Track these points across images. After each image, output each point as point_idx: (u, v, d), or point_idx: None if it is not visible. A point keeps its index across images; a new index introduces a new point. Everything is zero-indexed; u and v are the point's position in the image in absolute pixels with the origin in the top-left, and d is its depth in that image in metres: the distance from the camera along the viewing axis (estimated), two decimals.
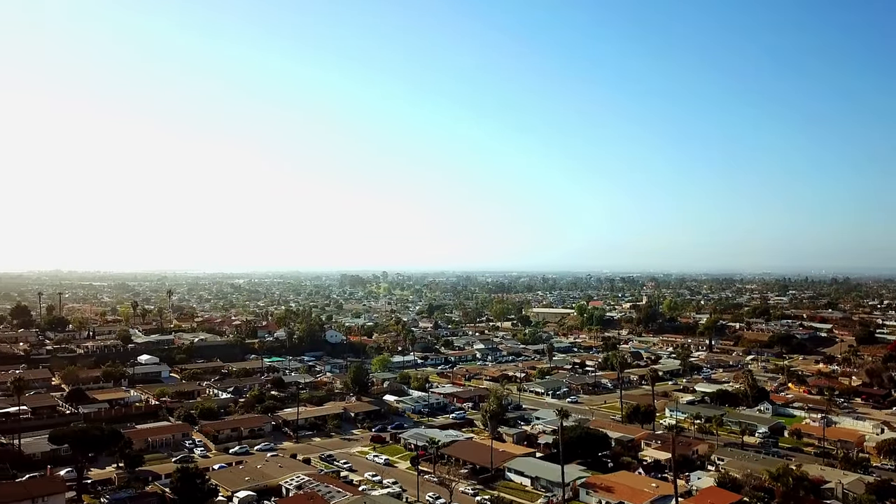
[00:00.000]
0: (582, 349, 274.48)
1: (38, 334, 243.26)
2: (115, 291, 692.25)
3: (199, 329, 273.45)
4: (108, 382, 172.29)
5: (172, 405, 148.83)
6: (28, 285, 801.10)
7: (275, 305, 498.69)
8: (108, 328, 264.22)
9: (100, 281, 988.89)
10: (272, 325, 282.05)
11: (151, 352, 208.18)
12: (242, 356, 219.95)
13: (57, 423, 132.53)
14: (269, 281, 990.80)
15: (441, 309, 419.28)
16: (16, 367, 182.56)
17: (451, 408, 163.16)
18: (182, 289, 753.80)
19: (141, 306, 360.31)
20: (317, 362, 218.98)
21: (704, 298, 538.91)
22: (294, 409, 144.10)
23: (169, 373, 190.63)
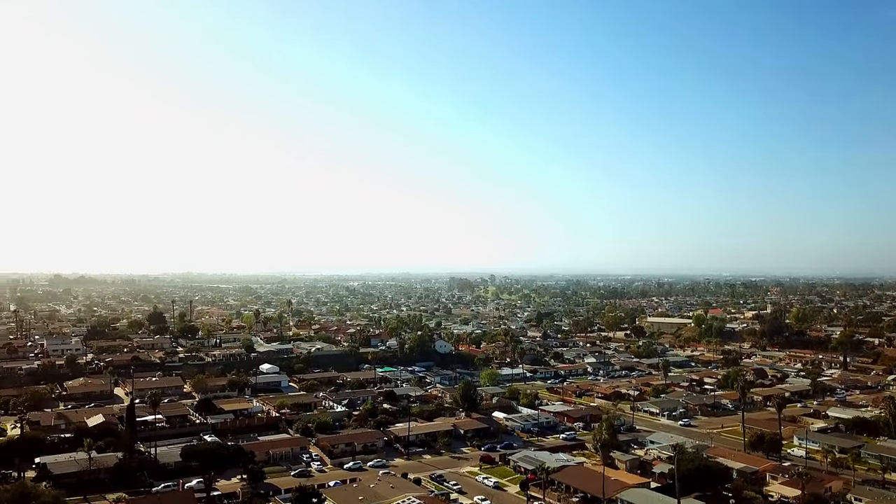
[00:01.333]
0: (700, 364, 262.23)
1: (172, 341, 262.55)
2: (240, 294, 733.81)
3: (316, 337, 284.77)
4: (233, 391, 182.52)
5: (291, 417, 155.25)
6: (163, 288, 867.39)
7: (387, 309, 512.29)
8: (234, 335, 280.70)
9: (226, 283, 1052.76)
10: (384, 334, 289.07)
11: (272, 361, 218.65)
12: (356, 366, 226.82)
13: (188, 432, 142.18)
14: (382, 284, 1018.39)
15: (550, 317, 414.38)
16: (153, 374, 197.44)
17: (562, 427, 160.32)
18: (301, 291, 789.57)
19: (262, 314, 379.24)
20: (427, 373, 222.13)
21: (838, 307, 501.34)
22: (405, 425, 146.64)
23: (288, 382, 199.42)
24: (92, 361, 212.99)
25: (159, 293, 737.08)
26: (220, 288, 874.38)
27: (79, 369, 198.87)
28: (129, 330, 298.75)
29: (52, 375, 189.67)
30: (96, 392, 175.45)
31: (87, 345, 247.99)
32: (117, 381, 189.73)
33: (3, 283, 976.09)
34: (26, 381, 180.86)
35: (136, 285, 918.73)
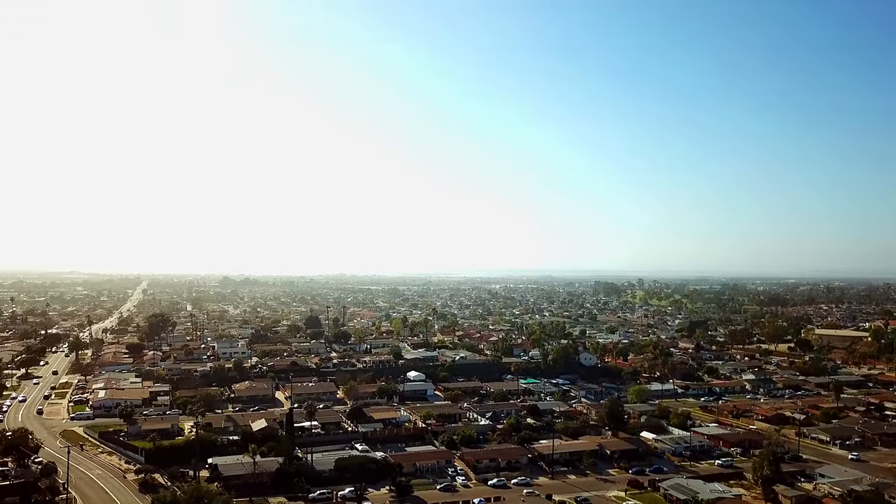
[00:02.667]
0: (879, 385, 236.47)
1: (326, 346, 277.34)
2: (388, 296, 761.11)
3: (460, 345, 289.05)
4: (382, 398, 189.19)
5: (436, 428, 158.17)
6: (318, 289, 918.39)
7: (529, 314, 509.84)
8: (383, 341, 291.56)
9: (375, 285, 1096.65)
10: (527, 344, 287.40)
11: (418, 368, 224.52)
12: (499, 376, 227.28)
13: (341, 439, 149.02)
14: (524, 287, 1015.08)
15: (703, 326, 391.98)
16: (309, 379, 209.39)
17: (717, 452, 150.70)
18: (445, 294, 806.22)
19: (409, 318, 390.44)
20: (571, 387, 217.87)
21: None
22: (549, 442, 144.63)
23: (433, 390, 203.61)
24: (256, 365, 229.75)
25: (315, 295, 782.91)
26: (370, 290, 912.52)
27: (245, 373, 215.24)
28: (288, 334, 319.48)
29: (222, 378, 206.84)
30: (260, 395, 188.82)
31: (251, 348, 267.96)
32: (278, 385, 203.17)
33: (181, 283, 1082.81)
34: (200, 383, 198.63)
35: (295, 287, 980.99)
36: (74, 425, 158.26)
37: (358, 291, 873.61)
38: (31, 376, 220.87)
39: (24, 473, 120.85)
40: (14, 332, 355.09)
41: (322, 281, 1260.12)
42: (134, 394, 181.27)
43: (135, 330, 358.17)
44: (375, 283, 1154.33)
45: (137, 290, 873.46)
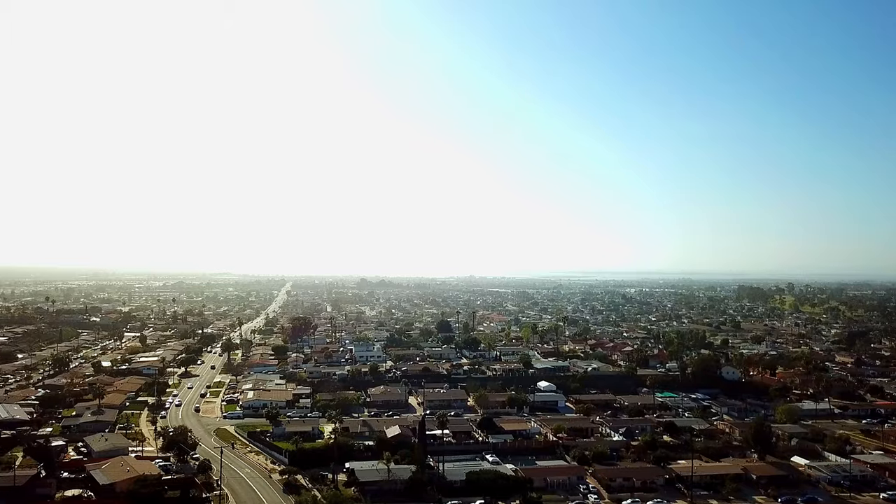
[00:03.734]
0: None
1: (457, 351, 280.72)
2: (517, 299, 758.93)
3: (592, 355, 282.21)
4: (512, 408, 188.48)
5: (567, 442, 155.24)
6: (449, 291, 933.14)
7: (666, 321, 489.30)
8: (512, 348, 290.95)
9: (504, 287, 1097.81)
10: (663, 355, 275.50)
11: (549, 378, 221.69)
12: (633, 388, 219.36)
13: (472, 449, 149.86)
14: (660, 291, 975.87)
15: (865, 337, 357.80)
16: (440, 385, 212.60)
17: (882, 484, 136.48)
18: (576, 297, 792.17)
19: (539, 325, 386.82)
20: (712, 402, 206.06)
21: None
22: (688, 462, 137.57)
23: (564, 402, 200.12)
24: (390, 370, 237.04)
25: (446, 297, 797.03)
26: (499, 293, 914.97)
27: (380, 377, 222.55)
28: (421, 338, 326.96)
29: (358, 382, 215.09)
30: (394, 401, 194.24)
31: (386, 352, 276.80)
32: (411, 390, 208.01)
33: (322, 284, 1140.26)
34: (338, 387, 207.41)
35: (426, 289, 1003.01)
36: (226, 424, 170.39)
37: (487, 294, 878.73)
38: (190, 375, 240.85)
39: (184, 469, 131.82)
40: (175, 331, 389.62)
41: (452, 283, 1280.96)
42: (279, 395, 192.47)
43: (279, 331, 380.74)
44: (504, 286, 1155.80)
45: (282, 292, 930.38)
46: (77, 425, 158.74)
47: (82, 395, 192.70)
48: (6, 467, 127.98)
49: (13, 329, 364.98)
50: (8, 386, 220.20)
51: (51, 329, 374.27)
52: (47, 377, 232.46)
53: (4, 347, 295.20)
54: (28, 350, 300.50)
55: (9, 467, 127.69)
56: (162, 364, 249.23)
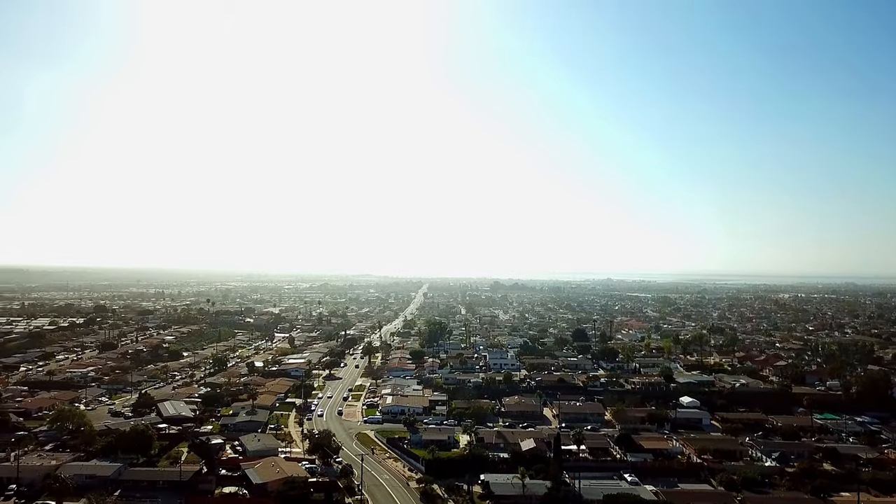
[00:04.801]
0: None
1: (593, 362, 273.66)
2: (658, 305, 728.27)
3: (740, 368, 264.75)
4: (652, 425, 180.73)
5: (713, 465, 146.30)
6: (585, 296, 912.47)
7: (826, 331, 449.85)
8: (652, 360, 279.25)
9: (643, 291, 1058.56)
10: (822, 371, 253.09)
11: (692, 393, 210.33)
12: (788, 408, 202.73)
13: (609, 467, 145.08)
14: (819, 297, 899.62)
15: None
16: (576, 397, 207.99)
17: None
18: (722, 304, 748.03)
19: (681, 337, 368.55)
20: (881, 427, 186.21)
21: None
22: (852, 495, 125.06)
23: (710, 420, 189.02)
24: (524, 379, 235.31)
25: (581, 301, 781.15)
26: (638, 297, 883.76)
27: (514, 386, 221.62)
28: (555, 347, 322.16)
29: (492, 391, 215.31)
30: (528, 412, 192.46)
31: (520, 360, 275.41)
32: (545, 401, 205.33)
33: (456, 287, 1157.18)
34: (473, 395, 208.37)
35: (561, 292, 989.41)
36: (367, 429, 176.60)
37: (625, 299, 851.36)
38: (334, 377, 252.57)
39: (328, 472, 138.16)
40: (321, 332, 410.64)
41: (588, 286, 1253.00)
42: (416, 402, 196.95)
43: (416, 335, 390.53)
44: (644, 290, 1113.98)
45: (419, 294, 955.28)
46: (233, 424, 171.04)
47: (238, 394, 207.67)
48: (173, 462, 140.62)
49: (180, 329, 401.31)
50: (175, 383, 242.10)
51: (211, 329, 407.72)
52: (208, 375, 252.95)
53: (172, 346, 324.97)
54: (192, 349, 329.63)
55: (175, 462, 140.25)
56: (308, 366, 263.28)
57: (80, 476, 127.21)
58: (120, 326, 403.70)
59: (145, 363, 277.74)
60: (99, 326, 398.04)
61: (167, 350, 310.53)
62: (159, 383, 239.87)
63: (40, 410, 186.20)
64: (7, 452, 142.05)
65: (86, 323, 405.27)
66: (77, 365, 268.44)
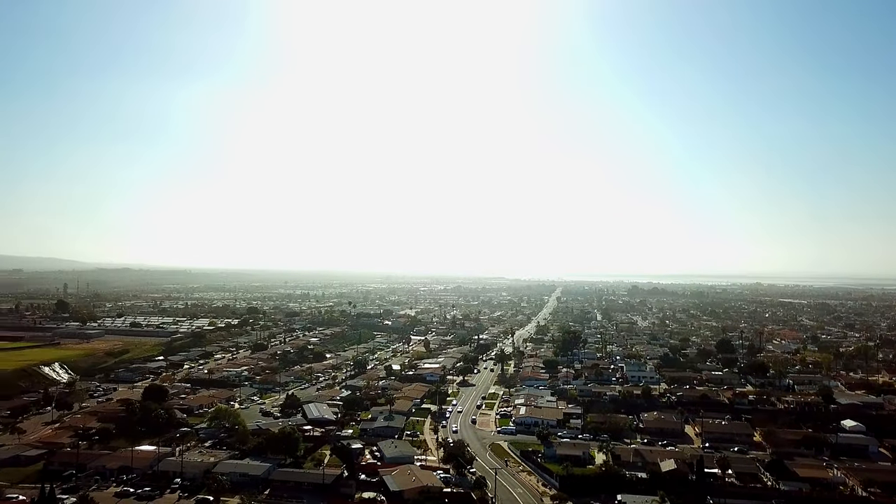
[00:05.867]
0: None
1: (740, 377, 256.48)
2: (815, 313, 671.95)
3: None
4: (808, 450, 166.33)
5: (882, 500, 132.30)
6: (731, 301, 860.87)
7: None
8: (808, 377, 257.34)
9: (798, 297, 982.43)
10: None
11: (856, 416, 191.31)
12: None
13: (758, 494, 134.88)
14: None
15: None
16: (721, 415, 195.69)
17: None
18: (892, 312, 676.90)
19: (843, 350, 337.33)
20: None
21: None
22: None
23: (877, 448, 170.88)
24: (664, 394, 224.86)
25: (727, 307, 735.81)
26: (791, 304, 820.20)
27: (653, 401, 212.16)
28: (698, 359, 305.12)
29: (630, 404, 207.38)
30: (668, 429, 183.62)
31: (660, 373, 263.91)
32: (687, 418, 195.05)
33: (591, 291, 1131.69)
34: (609, 408, 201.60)
35: (704, 297, 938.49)
36: (500, 439, 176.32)
37: (777, 305, 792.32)
38: (467, 384, 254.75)
39: (462, 483, 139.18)
40: (454, 336, 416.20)
41: (735, 291, 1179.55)
42: (549, 413, 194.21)
43: (550, 341, 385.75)
44: (799, 296, 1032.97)
45: (552, 297, 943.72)
46: (372, 429, 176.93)
47: (376, 398, 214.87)
48: (317, 464, 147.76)
49: (323, 331, 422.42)
50: (319, 384, 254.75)
51: (352, 331, 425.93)
52: (349, 378, 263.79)
53: (317, 347, 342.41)
54: (334, 350, 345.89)
55: (319, 464, 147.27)
56: (443, 372, 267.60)
57: (234, 474, 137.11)
58: (270, 328, 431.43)
59: (292, 364, 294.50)
60: (251, 327, 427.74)
61: (312, 351, 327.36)
62: (304, 384, 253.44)
63: (201, 407, 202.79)
64: (172, 448, 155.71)
65: (240, 324, 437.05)
66: (232, 364, 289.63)
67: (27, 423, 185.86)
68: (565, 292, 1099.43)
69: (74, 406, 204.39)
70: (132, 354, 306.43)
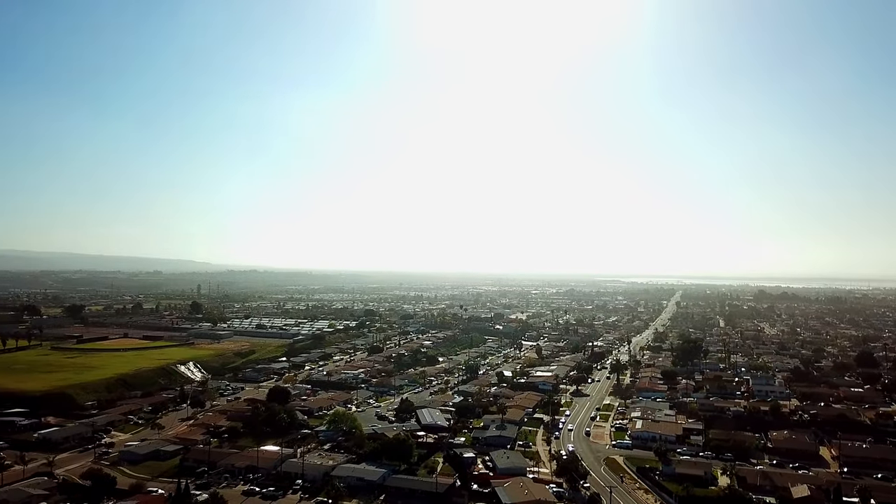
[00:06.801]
0: None
1: (883, 395, 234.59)
2: None
3: None
4: None
5: None
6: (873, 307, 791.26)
7: None
8: None
9: None
10: None
11: None
12: None
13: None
14: None
15: None
16: (862, 437, 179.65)
17: None
18: None
19: None
20: None
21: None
22: None
23: None
24: (796, 411, 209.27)
25: (868, 315, 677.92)
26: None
27: (782, 419, 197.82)
28: (835, 373, 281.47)
29: (756, 421, 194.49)
30: (800, 450, 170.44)
31: (790, 388, 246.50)
32: (822, 439, 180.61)
33: (713, 295, 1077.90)
34: (733, 425, 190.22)
35: (841, 303, 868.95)
36: (615, 453, 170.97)
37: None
38: (581, 394, 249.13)
39: (576, 498, 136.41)
40: (567, 342, 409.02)
41: (877, 297, 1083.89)
42: (668, 428, 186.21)
43: (668, 349, 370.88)
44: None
45: (671, 302, 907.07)
46: (483, 438, 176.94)
47: (488, 406, 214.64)
48: (430, 471, 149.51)
49: (436, 334, 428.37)
50: (431, 388, 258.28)
51: (463, 335, 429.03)
52: (461, 383, 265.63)
53: (430, 351, 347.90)
54: (446, 354, 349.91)
55: (432, 471, 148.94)
56: (555, 380, 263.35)
57: (351, 478, 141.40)
58: (385, 330, 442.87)
59: (406, 367, 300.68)
60: (368, 329, 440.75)
61: (425, 355, 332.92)
62: (417, 388, 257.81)
63: (320, 409, 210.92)
64: (294, 449, 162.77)
65: (357, 326, 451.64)
66: (350, 366, 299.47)
67: (165, 419, 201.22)
68: (686, 296, 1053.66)
69: (206, 404, 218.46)
70: (258, 355, 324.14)
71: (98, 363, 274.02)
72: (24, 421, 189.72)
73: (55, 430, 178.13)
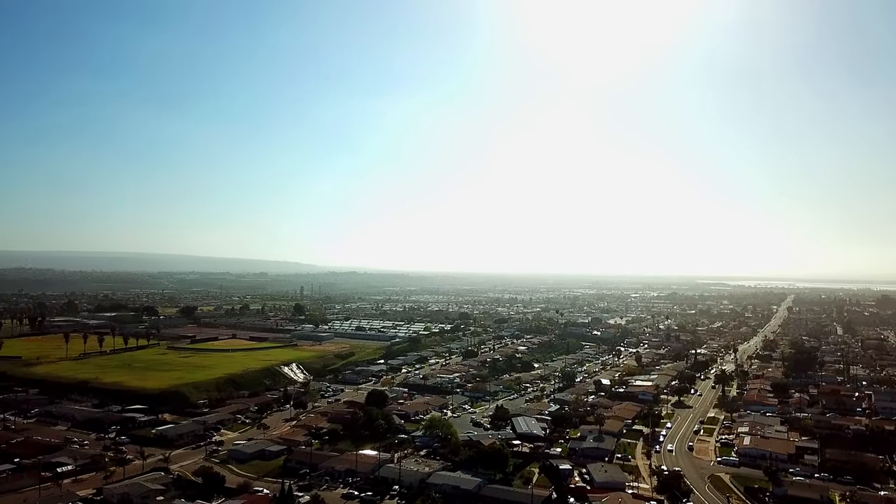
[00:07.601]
0: None
1: None
2: None
3: None
4: None
5: None
6: None
7: None
8: None
9: None
10: None
11: None
12: None
13: None
14: None
15: None
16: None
17: None
18: None
19: None
20: None
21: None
22: None
23: None
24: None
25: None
26: None
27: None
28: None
29: (880, 442, 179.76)
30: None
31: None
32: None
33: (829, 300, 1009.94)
34: (853, 445, 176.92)
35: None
36: (720, 471, 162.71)
37: None
38: (683, 405, 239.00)
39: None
40: (669, 349, 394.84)
41: None
42: (779, 446, 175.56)
43: (779, 358, 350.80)
44: None
45: (782, 307, 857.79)
46: (580, 449, 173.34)
47: (585, 416, 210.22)
48: (525, 481, 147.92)
49: (531, 339, 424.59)
50: (527, 395, 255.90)
51: (559, 341, 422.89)
52: (557, 391, 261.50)
53: (525, 356, 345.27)
54: (542, 360, 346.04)
55: (527, 482, 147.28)
56: (656, 391, 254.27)
57: (447, 486, 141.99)
58: (479, 334, 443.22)
59: (501, 372, 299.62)
60: (462, 333, 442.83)
61: (520, 360, 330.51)
62: (512, 394, 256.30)
63: (416, 414, 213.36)
64: (391, 454, 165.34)
65: (452, 329, 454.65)
66: (445, 370, 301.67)
67: (270, 419, 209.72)
68: (798, 301, 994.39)
69: (308, 405, 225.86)
70: (357, 357, 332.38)
71: (209, 363, 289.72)
72: (143, 417, 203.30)
73: (171, 427, 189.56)
